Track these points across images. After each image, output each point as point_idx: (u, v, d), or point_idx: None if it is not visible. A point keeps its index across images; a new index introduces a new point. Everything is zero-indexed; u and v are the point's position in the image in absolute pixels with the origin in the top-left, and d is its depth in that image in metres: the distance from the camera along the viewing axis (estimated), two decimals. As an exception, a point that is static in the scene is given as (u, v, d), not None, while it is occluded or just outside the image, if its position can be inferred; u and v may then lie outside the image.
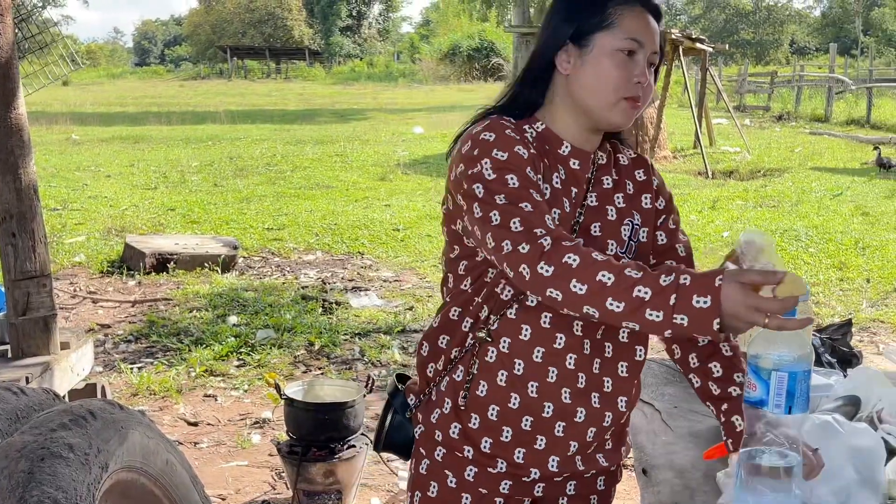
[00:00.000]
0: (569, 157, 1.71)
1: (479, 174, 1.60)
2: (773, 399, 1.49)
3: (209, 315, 6.12)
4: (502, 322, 1.69)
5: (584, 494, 1.81)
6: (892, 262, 7.50)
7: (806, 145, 16.54)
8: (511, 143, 1.63)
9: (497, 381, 1.70)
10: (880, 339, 5.81)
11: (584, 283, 1.46)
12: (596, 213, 1.72)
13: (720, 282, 1.37)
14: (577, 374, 1.69)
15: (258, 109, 27.31)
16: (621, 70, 1.65)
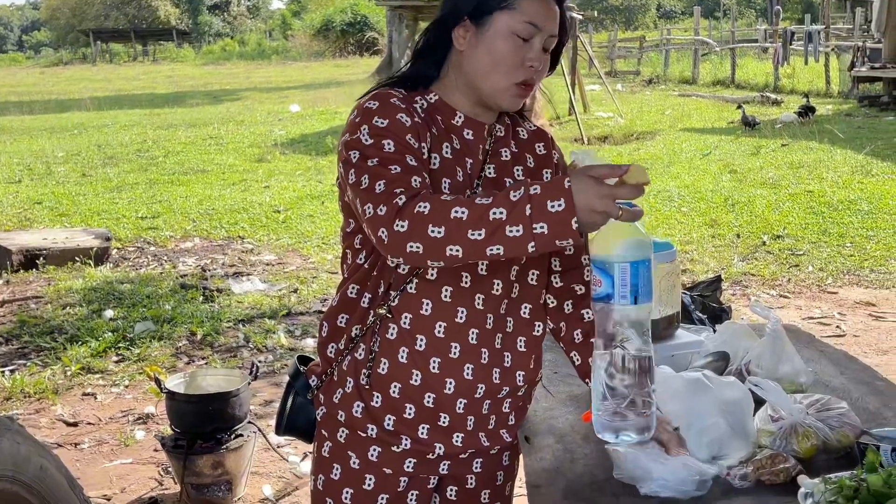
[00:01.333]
0: (462, 128, 1.72)
1: (357, 140, 1.60)
2: (619, 291, 1.53)
3: (84, 311, 5.90)
4: (403, 297, 1.68)
5: (490, 471, 1.84)
6: (759, 216, 7.81)
7: (675, 107, 17.04)
8: (393, 110, 1.62)
9: (399, 358, 1.69)
10: (751, 291, 6.05)
11: (440, 224, 1.45)
12: (494, 185, 1.70)
13: (569, 183, 1.40)
14: (479, 349, 1.70)
15: (126, 94, 26.40)
16: (515, 54, 1.64)
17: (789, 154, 10.73)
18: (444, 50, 1.71)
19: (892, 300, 5.84)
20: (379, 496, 1.75)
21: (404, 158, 1.57)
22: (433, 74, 1.72)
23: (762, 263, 6.61)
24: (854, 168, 9.62)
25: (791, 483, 1.62)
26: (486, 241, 1.44)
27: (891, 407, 2.01)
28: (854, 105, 16.10)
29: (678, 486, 1.60)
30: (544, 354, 2.40)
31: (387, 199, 1.50)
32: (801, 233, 7.29)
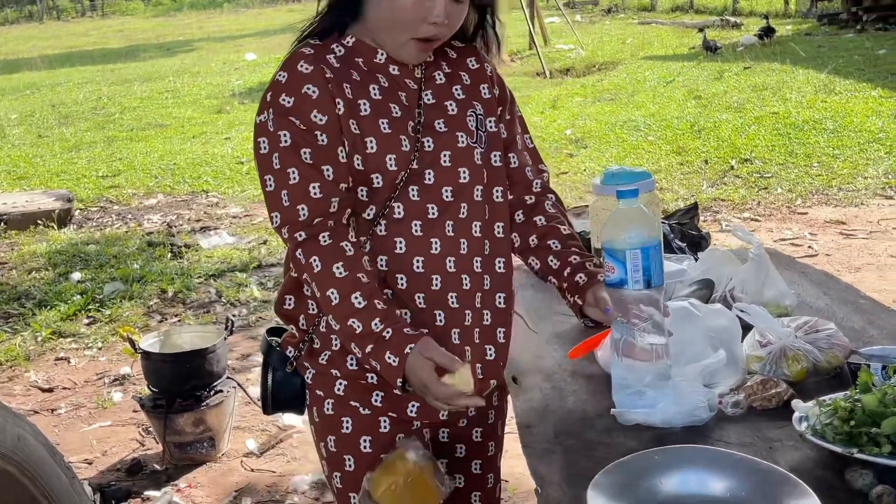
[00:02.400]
0: (387, 65, 1.67)
1: (264, 125, 1.61)
2: (632, 276, 1.58)
3: (50, 274, 5.79)
4: (374, 241, 1.65)
5: (481, 411, 1.79)
6: (726, 141, 7.80)
7: (636, 36, 16.91)
8: (300, 81, 1.60)
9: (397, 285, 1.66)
10: (723, 216, 6.06)
11: (317, 287, 1.59)
12: (435, 109, 1.68)
13: (410, 349, 1.53)
14: (459, 276, 1.67)
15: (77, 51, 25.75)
16: (415, 8, 1.58)
17: (752, 77, 10.69)
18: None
19: (862, 217, 5.87)
20: (397, 437, 1.69)
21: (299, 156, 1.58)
22: (347, 20, 1.67)
23: (731, 188, 6.62)
24: (817, 87, 9.61)
25: (784, 407, 1.61)
26: (338, 331, 1.61)
27: (876, 325, 2.00)
28: (813, 24, 16.06)
29: (689, 413, 1.59)
30: (524, 292, 2.39)
31: (289, 219, 1.59)
32: (769, 155, 7.29)
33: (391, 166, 1.62)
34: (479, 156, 1.69)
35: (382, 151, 1.62)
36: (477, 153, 1.69)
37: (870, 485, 1.35)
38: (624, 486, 1.36)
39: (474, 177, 1.68)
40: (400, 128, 1.63)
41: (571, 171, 7.43)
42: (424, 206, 1.65)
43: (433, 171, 1.65)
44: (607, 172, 2.09)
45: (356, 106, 1.62)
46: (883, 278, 4.84)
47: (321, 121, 1.59)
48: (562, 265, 1.75)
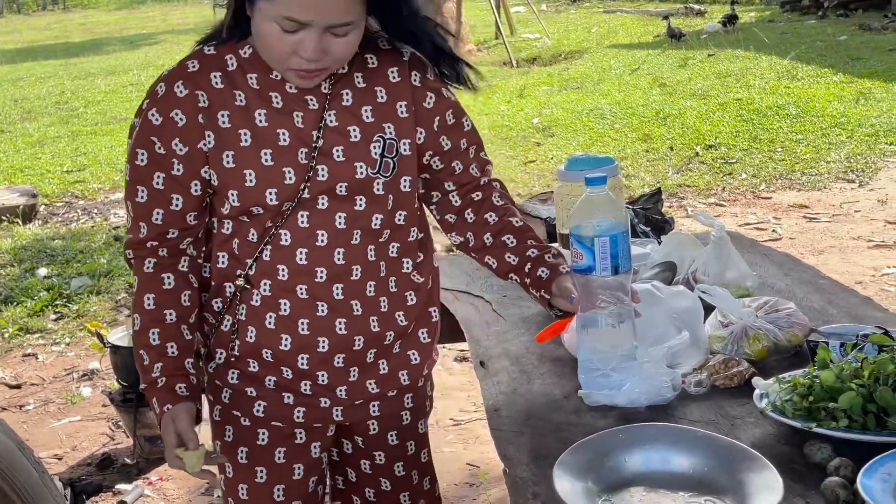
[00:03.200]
0: (284, 82, 1.56)
1: (133, 132, 1.58)
2: (600, 263, 1.60)
3: (16, 270, 5.74)
4: (258, 265, 1.60)
5: (392, 412, 1.76)
6: (691, 128, 7.87)
7: (601, 24, 16.97)
8: (171, 104, 1.53)
9: (266, 324, 1.62)
10: (688, 202, 6.12)
11: (132, 304, 1.63)
12: (337, 134, 1.57)
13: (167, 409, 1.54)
14: (348, 302, 1.62)
15: (39, 45, 25.41)
16: (280, 44, 1.47)
17: (716, 64, 10.78)
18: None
19: (824, 201, 5.95)
20: (276, 450, 1.70)
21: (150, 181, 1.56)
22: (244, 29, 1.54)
23: (696, 174, 6.68)
24: (780, 73, 9.71)
25: (746, 385, 1.65)
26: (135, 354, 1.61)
27: (835, 304, 2.05)
28: (776, 11, 16.20)
29: (654, 393, 1.62)
30: (492, 280, 2.41)
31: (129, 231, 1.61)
32: (733, 141, 7.36)
33: (271, 201, 1.54)
34: (380, 186, 1.60)
35: (262, 186, 1.54)
36: (378, 184, 1.59)
37: (828, 458, 1.39)
38: (589, 464, 1.39)
39: (372, 206, 1.60)
40: (286, 158, 1.54)
41: (539, 160, 7.46)
42: (314, 233, 1.58)
43: (327, 197, 1.57)
44: (572, 159, 2.12)
45: (235, 137, 1.53)
46: (845, 260, 4.92)
47: (181, 151, 1.54)
48: (521, 261, 1.71)
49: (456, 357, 4.06)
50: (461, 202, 1.76)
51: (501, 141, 8.19)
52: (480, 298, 2.29)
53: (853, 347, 1.62)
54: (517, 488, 1.42)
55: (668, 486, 1.38)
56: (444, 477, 3.21)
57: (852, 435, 1.41)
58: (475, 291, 2.34)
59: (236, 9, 1.52)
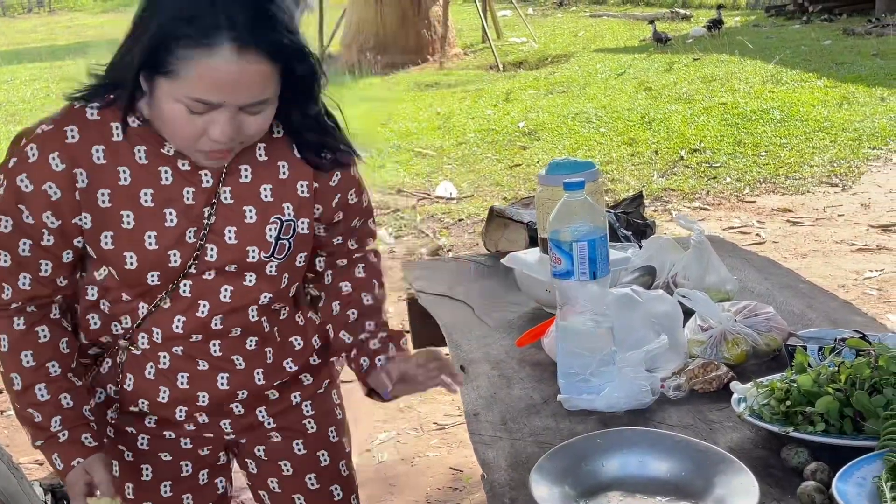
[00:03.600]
0: (175, 158, 1.44)
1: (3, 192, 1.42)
2: (578, 268, 1.60)
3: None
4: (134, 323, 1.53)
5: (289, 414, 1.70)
6: (676, 132, 7.89)
7: (588, 29, 17.01)
8: (45, 175, 1.39)
9: (145, 375, 1.56)
10: (673, 206, 6.14)
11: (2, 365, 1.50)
12: (230, 213, 1.48)
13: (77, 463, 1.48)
14: (230, 357, 1.57)
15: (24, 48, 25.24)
16: (188, 127, 1.35)
17: (701, 68, 10.82)
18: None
19: (808, 205, 5.98)
20: (161, 485, 1.65)
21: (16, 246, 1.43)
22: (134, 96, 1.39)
23: (681, 178, 6.70)
24: (765, 78, 9.75)
25: (724, 390, 1.65)
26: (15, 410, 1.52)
27: (814, 308, 2.06)
28: (761, 15, 16.29)
29: (633, 398, 1.62)
30: (472, 284, 2.41)
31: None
32: (717, 145, 7.39)
33: (153, 282, 1.47)
34: (272, 268, 1.53)
35: (144, 269, 1.46)
36: (271, 266, 1.53)
37: (804, 462, 1.39)
38: (567, 468, 1.39)
39: (262, 283, 1.53)
40: (171, 240, 1.46)
41: (524, 164, 7.47)
42: (195, 303, 1.51)
43: (215, 272, 1.50)
44: (552, 163, 2.12)
45: (116, 218, 1.43)
46: (828, 264, 4.94)
47: (53, 224, 1.42)
48: (352, 343, 1.65)
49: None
50: (325, 265, 1.70)
51: (487, 145, 8.19)
52: (462, 303, 2.29)
53: (831, 351, 1.63)
54: (495, 493, 1.42)
55: (646, 490, 1.39)
56: (427, 481, 3.22)
57: (829, 439, 1.42)
58: (457, 296, 2.34)
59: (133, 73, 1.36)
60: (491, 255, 2.65)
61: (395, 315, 4.65)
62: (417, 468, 3.31)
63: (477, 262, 2.63)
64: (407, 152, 8.05)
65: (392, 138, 8.53)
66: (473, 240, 5.65)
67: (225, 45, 1.29)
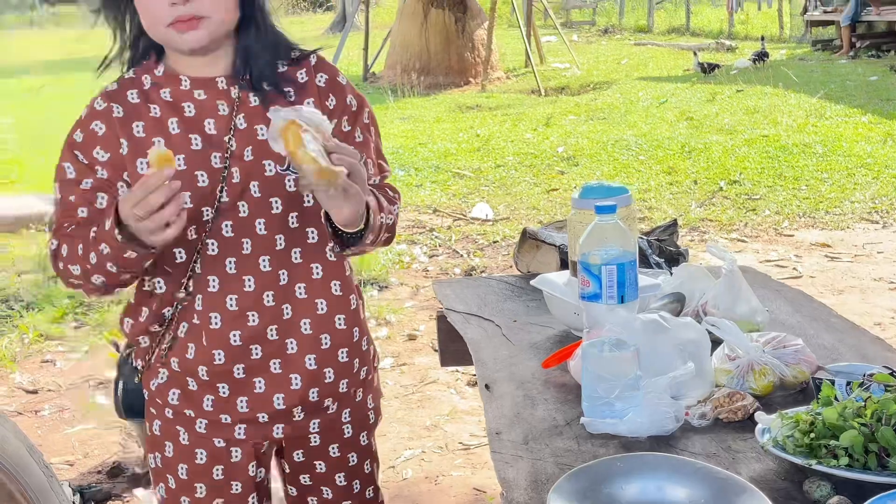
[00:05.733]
0: (191, 91, 1.64)
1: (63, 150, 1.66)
2: (606, 291, 1.61)
3: (39, 277, 5.80)
4: (194, 280, 1.65)
5: (333, 427, 1.79)
6: (716, 162, 7.86)
7: (631, 56, 17.02)
8: (92, 118, 1.64)
9: (202, 340, 1.66)
10: (710, 236, 6.11)
11: (74, 263, 1.59)
12: (246, 135, 1.64)
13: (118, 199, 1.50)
14: (279, 307, 1.67)
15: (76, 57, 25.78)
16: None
17: (744, 100, 10.79)
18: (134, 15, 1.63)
19: (847, 241, 5.92)
20: (213, 468, 1.74)
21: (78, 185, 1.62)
22: (142, 49, 1.67)
23: (719, 209, 6.67)
24: (808, 112, 9.69)
25: (749, 420, 1.64)
26: (92, 273, 1.57)
27: (845, 343, 2.04)
28: (807, 49, 16.20)
29: (657, 424, 1.62)
30: (504, 304, 2.42)
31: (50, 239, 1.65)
32: (758, 177, 7.35)
33: (187, 204, 1.55)
34: (291, 183, 1.64)
35: None
36: (289, 181, 1.64)
37: (827, 495, 1.38)
38: (585, 490, 1.39)
39: (287, 204, 1.65)
40: (198, 162, 1.61)
41: (562, 189, 7.48)
42: (238, 241, 1.64)
43: (245, 202, 1.63)
44: (586, 187, 2.13)
45: (149, 144, 1.59)
46: (865, 301, 4.88)
47: (103, 157, 1.62)
48: None
49: (469, 381, 4.06)
50: None
51: (525, 168, 8.21)
52: (490, 322, 2.30)
53: (859, 386, 1.62)
54: (514, 512, 1.43)
55: (665, 516, 1.38)
56: (450, 500, 3.22)
57: (852, 474, 1.40)
58: (485, 315, 2.35)
59: (134, 34, 1.66)
60: (522, 277, 2.66)
61: (426, 333, 4.67)
62: (441, 487, 3.31)
63: (507, 282, 2.64)
64: (445, 173, 8.08)
65: (431, 158, 8.58)
66: (507, 262, 5.65)
67: None
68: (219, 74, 1.65)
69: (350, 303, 1.75)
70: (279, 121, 1.44)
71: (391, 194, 1.77)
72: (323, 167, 1.42)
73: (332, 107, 1.70)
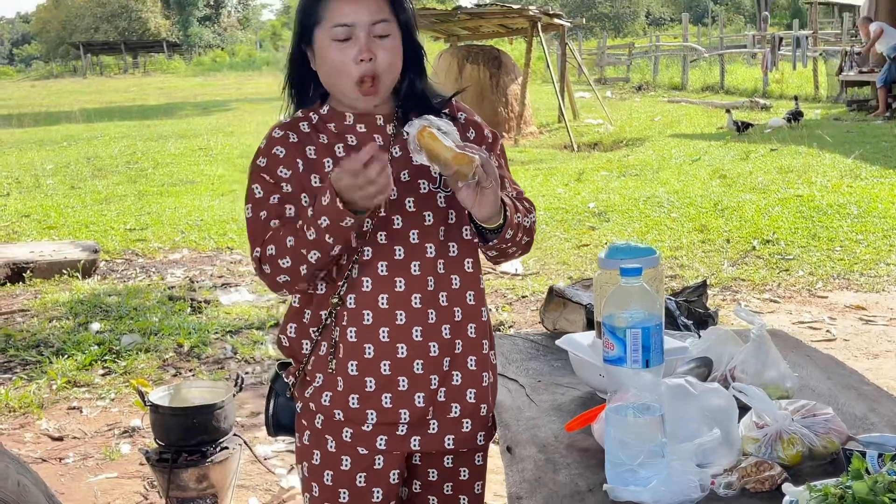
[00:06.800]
0: (354, 125, 1.89)
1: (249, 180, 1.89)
2: (631, 356, 1.59)
3: (70, 324, 5.86)
4: (348, 283, 1.85)
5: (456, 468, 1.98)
6: (749, 221, 7.80)
7: (665, 114, 17.06)
8: (272, 144, 1.87)
9: (349, 337, 1.84)
10: (742, 296, 6.03)
11: (284, 256, 1.77)
12: (401, 162, 1.86)
13: (331, 177, 1.69)
14: (425, 311, 1.84)
15: (116, 106, 26.38)
16: (340, 56, 1.80)
17: (778, 159, 10.73)
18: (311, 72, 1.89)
19: (882, 303, 5.82)
20: (357, 475, 1.89)
21: (267, 201, 1.84)
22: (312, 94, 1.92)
23: (752, 268, 6.60)
24: (843, 172, 9.62)
25: (777, 491, 1.60)
26: (308, 251, 1.74)
27: (877, 412, 1.99)
28: (843, 109, 16.14)
29: (681, 492, 1.58)
30: (529, 363, 2.40)
31: (252, 251, 1.83)
32: (791, 237, 7.28)
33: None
34: (442, 199, 1.87)
35: None
36: (440, 197, 1.87)
37: (856, 573, 1.33)
38: (605, 561, 1.35)
39: (438, 218, 1.86)
40: None
41: (592, 244, 7.45)
42: (392, 248, 1.84)
43: (400, 216, 1.84)
44: (612, 247, 2.11)
45: (319, 164, 1.85)
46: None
47: (286, 174, 1.84)
48: None
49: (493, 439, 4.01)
50: None
51: (556, 223, 8.20)
52: (515, 382, 2.27)
53: (891, 459, 1.57)
54: (532, 581, 1.39)
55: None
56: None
57: (883, 551, 1.35)
58: (510, 374, 2.32)
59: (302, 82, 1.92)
60: (548, 335, 2.63)
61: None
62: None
63: (533, 341, 2.61)
64: (476, 226, 8.08)
65: (462, 212, 8.59)
66: (535, 317, 5.62)
67: None
68: (378, 113, 1.89)
69: (481, 313, 1.93)
70: (414, 129, 1.70)
71: (527, 205, 1.97)
72: (458, 153, 1.64)
73: (472, 138, 1.94)
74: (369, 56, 1.78)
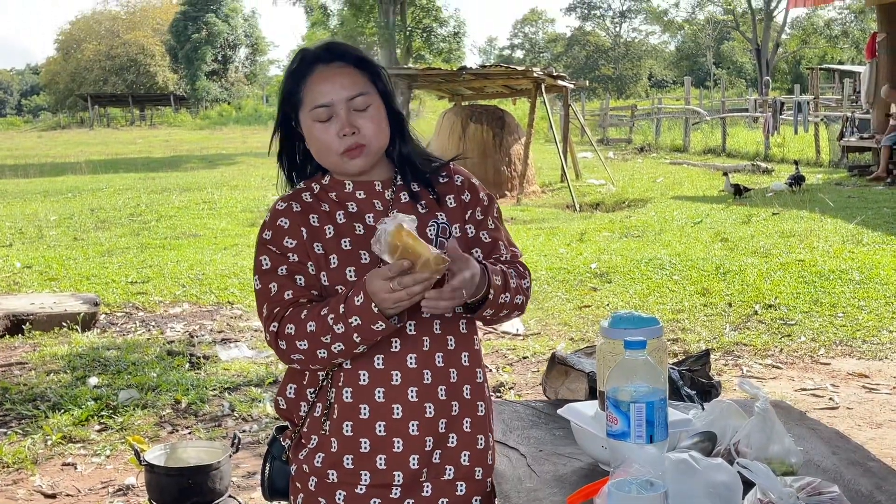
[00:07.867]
0: (353, 192, 1.97)
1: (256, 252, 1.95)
2: (634, 430, 1.56)
3: (68, 377, 5.82)
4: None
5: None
6: (751, 285, 7.79)
7: (667, 175, 17.16)
8: (276, 216, 1.95)
9: (344, 398, 1.87)
10: (744, 361, 6.00)
11: (303, 339, 1.81)
12: None
13: (365, 279, 1.73)
14: (421, 371, 1.87)
15: (122, 158, 26.57)
16: (325, 134, 1.89)
17: (780, 223, 10.76)
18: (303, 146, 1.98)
19: (885, 371, 5.78)
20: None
21: (276, 273, 1.89)
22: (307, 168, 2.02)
23: (754, 333, 6.57)
24: (845, 237, 9.63)
25: (782, 572, 1.56)
26: (332, 342, 1.77)
27: (883, 490, 1.96)
28: (844, 174, 16.23)
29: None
30: (530, 431, 2.37)
31: (267, 324, 1.87)
32: (793, 302, 7.25)
33: (350, 277, 1.87)
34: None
35: (343, 265, 1.88)
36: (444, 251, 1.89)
37: None
38: None
39: None
40: (361, 244, 1.90)
41: (594, 305, 7.43)
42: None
43: None
44: (615, 316, 2.10)
45: (321, 231, 1.92)
46: (905, 436, 4.73)
47: (291, 244, 1.91)
48: None
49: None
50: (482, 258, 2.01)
51: (558, 283, 8.19)
52: (516, 451, 2.24)
53: (898, 541, 1.54)
54: None
55: None
56: None
57: None
58: (511, 443, 2.29)
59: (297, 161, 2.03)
60: (550, 403, 2.61)
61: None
62: None
63: (534, 408, 2.59)
64: (477, 286, 8.07)
65: (464, 271, 8.58)
66: (536, 378, 5.58)
67: (318, 64, 1.91)
68: (375, 179, 1.97)
69: (476, 375, 1.97)
70: (390, 227, 1.69)
71: (521, 269, 2.02)
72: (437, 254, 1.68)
73: (468, 200, 2.01)
74: (351, 130, 1.87)
